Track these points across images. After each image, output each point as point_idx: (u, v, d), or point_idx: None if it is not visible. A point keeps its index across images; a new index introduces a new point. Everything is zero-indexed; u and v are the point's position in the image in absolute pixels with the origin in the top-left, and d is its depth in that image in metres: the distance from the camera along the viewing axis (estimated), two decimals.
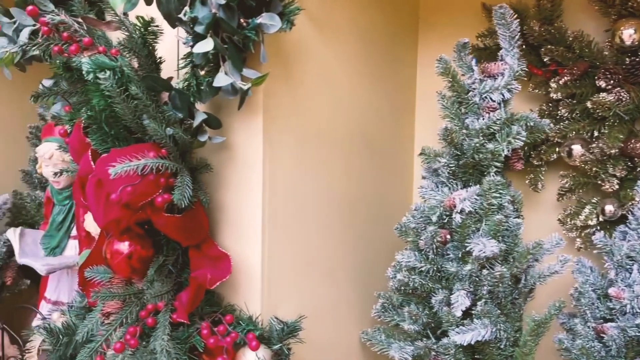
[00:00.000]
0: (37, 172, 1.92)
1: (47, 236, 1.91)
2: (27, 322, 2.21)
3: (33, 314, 2.04)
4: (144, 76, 0.97)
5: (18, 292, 2.07)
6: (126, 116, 0.97)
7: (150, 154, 0.95)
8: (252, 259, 1.11)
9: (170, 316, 0.99)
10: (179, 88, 1.00)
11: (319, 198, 1.28)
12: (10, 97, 2.32)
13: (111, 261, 1.06)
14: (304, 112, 1.21)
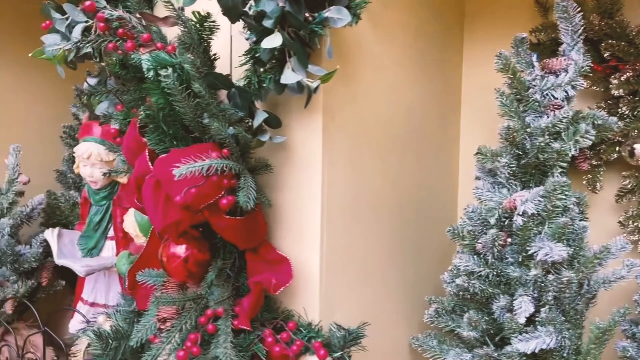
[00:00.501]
0: (75, 171, 1.90)
1: (84, 237, 1.89)
2: (62, 324, 2.20)
3: (70, 315, 2.02)
4: (205, 73, 0.93)
5: (53, 293, 2.05)
6: (186, 115, 0.94)
7: (213, 154, 0.91)
8: (311, 262, 1.07)
9: (232, 322, 0.96)
10: (239, 85, 0.96)
11: (373, 200, 1.24)
12: (44, 96, 2.31)
13: (168, 265, 1.03)
14: (361, 111, 1.17)
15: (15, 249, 1.88)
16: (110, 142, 1.81)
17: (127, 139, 1.05)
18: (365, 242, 1.22)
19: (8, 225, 1.87)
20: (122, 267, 1.76)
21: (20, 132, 2.21)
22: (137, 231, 1.69)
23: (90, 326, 1.36)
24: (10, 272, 1.88)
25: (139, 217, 1.70)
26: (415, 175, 1.44)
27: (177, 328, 0.95)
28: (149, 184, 0.97)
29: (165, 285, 1.07)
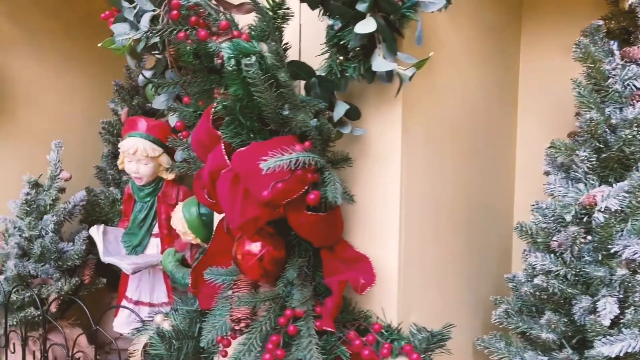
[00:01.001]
0: (119, 167, 1.87)
1: (129, 234, 1.86)
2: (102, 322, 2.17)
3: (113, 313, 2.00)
4: (289, 62, 0.88)
5: (95, 291, 2.03)
6: (267, 106, 0.89)
7: (297, 147, 0.87)
8: (389, 261, 1.02)
9: (314, 323, 0.91)
10: (321, 75, 0.91)
11: (445, 196, 1.19)
12: (81, 92, 2.29)
13: (242, 262, 0.99)
14: (437, 104, 1.12)
15: (59, 246, 1.86)
16: (155, 137, 1.78)
17: (198, 133, 1.00)
18: (438, 240, 1.17)
19: (52, 222, 1.84)
20: (168, 265, 1.73)
21: (59, 128, 2.19)
22: (185, 228, 1.66)
23: (146, 325, 1.33)
24: (53, 270, 1.85)
25: (187, 213, 1.66)
26: (479, 170, 1.39)
27: (257, 329, 0.91)
28: (225, 178, 0.92)
29: (237, 284, 1.03)
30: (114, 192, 2.13)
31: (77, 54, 2.25)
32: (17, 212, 1.84)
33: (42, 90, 2.14)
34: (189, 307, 1.21)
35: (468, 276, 1.38)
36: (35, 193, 1.86)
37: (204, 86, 1.05)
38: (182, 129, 1.11)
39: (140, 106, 2.15)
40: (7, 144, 2.03)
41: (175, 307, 1.34)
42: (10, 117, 2.04)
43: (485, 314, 1.47)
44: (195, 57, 0.99)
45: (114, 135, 2.16)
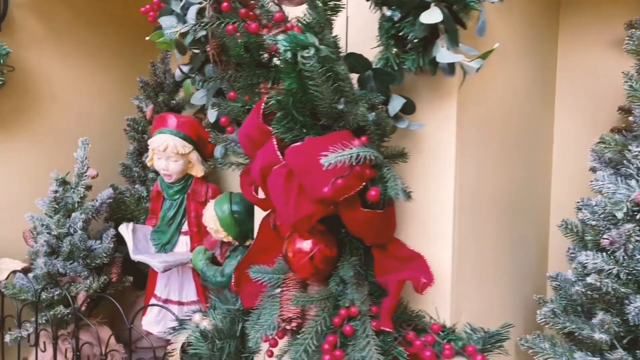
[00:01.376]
0: (147, 164, 1.86)
1: (158, 232, 1.84)
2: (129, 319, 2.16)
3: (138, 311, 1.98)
4: (346, 55, 0.86)
5: (122, 289, 2.02)
6: (323, 100, 0.87)
7: (355, 142, 0.84)
8: (442, 259, 0.99)
9: (370, 323, 0.89)
10: (378, 67, 0.88)
11: (493, 193, 1.16)
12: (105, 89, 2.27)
13: (293, 260, 0.96)
14: (488, 99, 1.09)
15: (88, 244, 1.85)
16: (185, 133, 1.76)
17: (247, 128, 0.98)
18: (486, 238, 1.14)
19: (80, 220, 1.83)
20: (198, 263, 1.71)
21: (83, 125, 2.18)
22: (217, 226, 1.64)
23: (184, 324, 1.31)
24: (82, 268, 1.84)
25: (220, 211, 1.64)
26: (521, 168, 1.36)
27: (313, 329, 0.88)
28: (279, 174, 0.90)
29: (285, 283, 1.01)
30: (140, 189, 2.11)
31: (102, 51, 2.23)
32: (46, 210, 1.83)
33: (67, 87, 2.13)
34: (231, 306, 1.19)
35: (511, 275, 1.35)
36: (62, 191, 1.85)
37: (250, 81, 1.02)
38: (227, 124, 1.08)
39: (165, 103, 2.14)
40: (33, 141, 2.02)
41: (213, 306, 1.32)
42: (35, 115, 2.03)
43: (526, 312, 1.44)
44: (246, 50, 0.97)
45: (139, 132, 2.15)
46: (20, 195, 1.98)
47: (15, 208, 1.96)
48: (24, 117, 2.00)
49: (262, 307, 1.10)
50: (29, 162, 2.01)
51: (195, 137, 1.77)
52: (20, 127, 1.99)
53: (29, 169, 2.01)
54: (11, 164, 1.96)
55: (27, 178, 2.01)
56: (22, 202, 1.98)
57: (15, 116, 1.97)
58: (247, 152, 1.01)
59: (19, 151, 1.98)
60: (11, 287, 1.77)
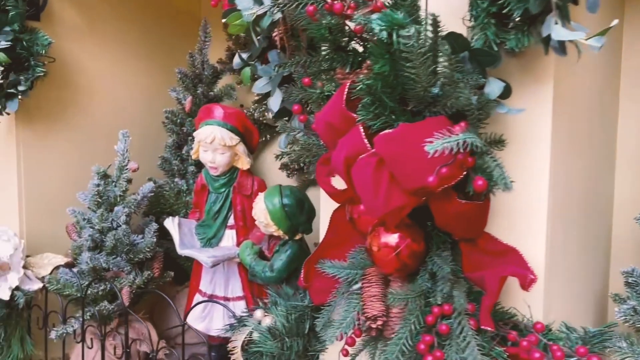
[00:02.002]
0: (192, 157, 1.81)
1: (203, 226, 1.80)
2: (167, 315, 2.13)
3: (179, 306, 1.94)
4: (447, 34, 0.80)
5: (163, 285, 1.98)
6: (420, 83, 0.81)
7: (456, 128, 0.79)
8: (536, 254, 0.93)
9: (469, 322, 0.83)
10: (477, 48, 0.83)
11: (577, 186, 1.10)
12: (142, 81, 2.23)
13: (378, 255, 0.91)
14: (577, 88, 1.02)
15: (131, 239, 1.81)
16: (232, 125, 1.71)
17: (328, 115, 0.93)
18: (573, 233, 1.08)
19: (124, 214, 1.79)
20: (246, 258, 1.67)
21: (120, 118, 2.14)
22: (267, 219, 1.59)
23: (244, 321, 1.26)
24: (124, 263, 1.80)
25: (270, 204, 1.59)
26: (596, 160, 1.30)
27: (407, 328, 0.83)
28: (367, 164, 0.85)
29: (367, 279, 0.95)
30: (180, 183, 2.07)
31: (140, 42, 2.19)
32: (88, 204, 1.79)
33: (105, 79, 2.09)
34: (297, 302, 1.14)
35: (586, 271, 1.29)
36: (104, 184, 1.81)
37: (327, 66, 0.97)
38: (299, 112, 1.03)
39: (204, 95, 2.09)
40: (72, 134, 1.99)
41: (274, 302, 1.27)
42: (74, 107, 2.00)
43: (595, 309, 1.38)
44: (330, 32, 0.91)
45: (177, 125, 2.11)
46: (60, 188, 1.95)
47: (55, 201, 1.94)
48: (64, 110, 1.96)
49: (335, 303, 1.05)
50: (68, 154, 1.98)
51: (242, 129, 1.72)
52: (59, 120, 1.95)
53: (68, 162, 1.98)
54: (51, 156, 1.93)
55: (66, 171, 1.97)
56: (61, 195, 1.95)
57: (55, 108, 1.93)
58: (326, 141, 0.96)
59: (59, 144, 1.95)
60: (55, 282, 1.74)
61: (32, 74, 1.73)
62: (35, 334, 1.83)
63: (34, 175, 1.88)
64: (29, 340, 1.79)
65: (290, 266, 1.62)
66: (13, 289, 1.69)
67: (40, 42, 1.73)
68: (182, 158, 2.11)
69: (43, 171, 1.91)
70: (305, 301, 1.14)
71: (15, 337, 1.78)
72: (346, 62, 0.96)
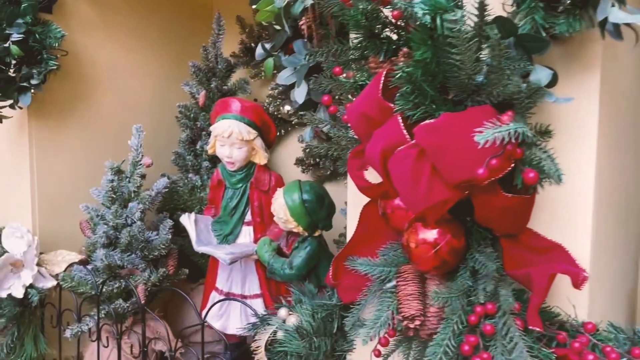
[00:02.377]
0: (208, 152, 1.77)
1: (220, 222, 1.76)
2: (182, 313, 2.09)
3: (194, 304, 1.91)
4: (494, 18, 0.75)
5: (177, 282, 1.94)
6: (464, 70, 0.77)
7: (504, 117, 0.74)
8: (581, 251, 0.89)
9: (514, 322, 0.79)
10: (525, 33, 0.78)
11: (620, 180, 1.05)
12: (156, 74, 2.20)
13: (416, 252, 0.87)
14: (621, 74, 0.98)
15: (146, 235, 1.77)
16: (250, 119, 1.67)
17: (362, 105, 0.88)
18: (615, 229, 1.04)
19: (138, 210, 1.75)
20: (264, 255, 1.63)
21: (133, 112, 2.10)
22: (287, 215, 1.56)
23: (268, 319, 1.23)
24: (139, 260, 1.77)
25: (290, 200, 1.55)
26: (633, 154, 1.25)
27: (450, 328, 0.79)
28: (407, 156, 0.80)
29: (403, 277, 0.91)
30: (194, 178, 2.04)
31: (153, 35, 2.15)
32: (103, 200, 1.76)
33: (117, 73, 2.05)
34: (325, 300, 1.10)
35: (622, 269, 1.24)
36: (118, 180, 1.77)
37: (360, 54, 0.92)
38: (329, 103, 0.99)
39: (218, 88, 2.05)
40: (83, 128, 1.95)
41: (299, 300, 1.23)
42: (86, 101, 1.96)
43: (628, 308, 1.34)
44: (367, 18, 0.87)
45: (191, 119, 2.07)
46: (73, 184, 1.92)
47: (67, 197, 1.90)
48: (76, 104, 1.92)
49: (366, 302, 1.01)
50: (81, 149, 1.94)
51: (260, 123, 1.68)
52: (72, 114, 1.92)
53: (80, 157, 1.94)
54: (63, 151, 1.89)
55: (78, 166, 1.94)
56: (74, 191, 1.91)
57: (67, 103, 1.89)
58: (359, 133, 0.92)
59: (71, 139, 1.91)
60: (69, 280, 1.70)
61: (44, 68, 1.69)
62: (48, 333, 1.80)
63: (47, 170, 1.85)
64: (42, 338, 1.76)
65: (309, 263, 1.58)
66: (27, 286, 1.66)
67: (53, 34, 1.69)
68: (196, 153, 2.08)
69: (56, 166, 1.87)
70: (333, 299, 1.10)
71: (28, 335, 1.74)
72: (380, 50, 0.91)
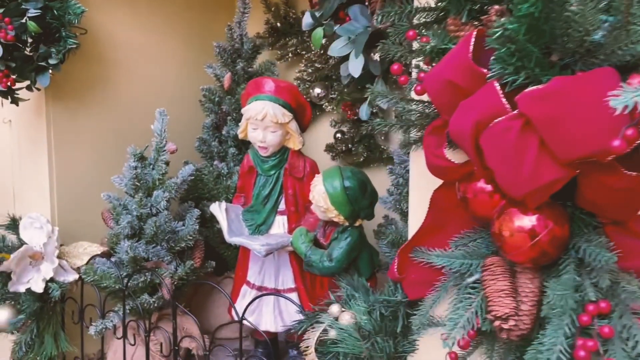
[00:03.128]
0: (239, 136, 1.65)
1: (251, 211, 1.64)
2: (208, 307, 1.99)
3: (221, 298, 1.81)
4: None
5: (203, 275, 1.84)
6: (582, 26, 0.64)
7: (635, 81, 0.62)
8: None
9: (636, 323, 0.67)
10: None
11: None
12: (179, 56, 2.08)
13: (510, 242, 0.75)
14: None
15: (173, 226, 1.66)
16: (285, 100, 1.55)
17: (447, 72, 0.76)
18: None
19: (164, 199, 1.64)
20: (301, 246, 1.52)
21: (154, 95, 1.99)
22: (327, 204, 1.44)
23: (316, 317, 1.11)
24: (165, 252, 1.66)
25: (330, 187, 1.44)
26: None
27: (560, 330, 0.67)
28: (507, 129, 0.68)
29: (491, 270, 0.79)
30: (219, 166, 1.92)
31: (175, 14, 2.03)
32: (126, 188, 1.65)
33: (138, 53, 1.93)
34: (389, 297, 0.98)
35: None
36: (141, 167, 1.66)
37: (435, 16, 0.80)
38: (400, 72, 0.86)
39: (245, 70, 1.94)
40: (102, 111, 1.84)
41: (350, 295, 1.12)
42: (105, 82, 1.84)
43: None
44: None
45: (216, 103, 1.96)
46: (93, 171, 1.81)
47: (87, 186, 1.79)
48: (95, 86, 1.81)
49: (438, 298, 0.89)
50: (100, 134, 1.83)
51: (295, 105, 1.56)
52: (91, 97, 1.80)
53: (100, 143, 1.83)
54: (82, 137, 1.78)
55: (98, 152, 1.83)
56: (94, 179, 1.80)
57: (86, 85, 1.78)
58: (441, 104, 0.80)
59: (90, 123, 1.80)
60: (92, 273, 1.60)
61: (63, 46, 1.57)
62: (69, 329, 1.69)
63: (66, 157, 1.74)
64: (63, 335, 1.66)
65: (350, 255, 1.47)
66: (47, 280, 1.55)
67: (72, 10, 1.57)
68: (221, 139, 1.96)
69: (75, 153, 1.76)
70: (397, 295, 0.98)
71: (48, 332, 1.64)
72: (462, 9, 0.79)
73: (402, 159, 1.52)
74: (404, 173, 1.53)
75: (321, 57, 1.97)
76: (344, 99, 1.92)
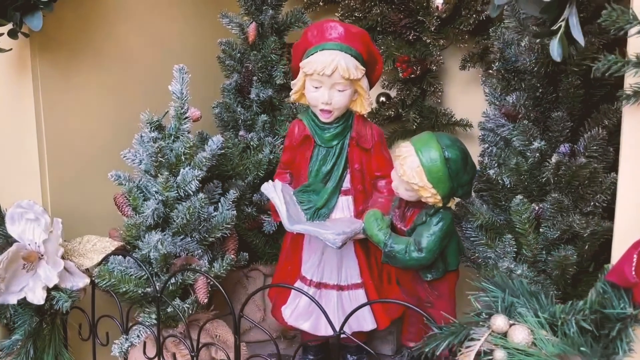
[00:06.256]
0: (291, 99, 1.31)
1: (308, 191, 1.31)
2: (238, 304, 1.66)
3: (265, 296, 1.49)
4: None
5: (237, 268, 1.52)
6: None
7: None
8: None
9: None
10: None
11: None
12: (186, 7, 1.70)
13: None
14: None
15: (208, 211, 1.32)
16: (357, 50, 1.23)
17: None
18: None
19: (195, 178, 1.30)
20: (378, 234, 1.23)
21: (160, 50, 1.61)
22: (423, 180, 1.14)
23: (470, 331, 0.84)
24: (195, 245, 1.33)
25: (427, 159, 1.14)
26: None
27: None
28: None
29: None
30: (246, 136, 1.58)
31: None
32: (144, 166, 1.29)
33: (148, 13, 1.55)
34: (614, 309, 0.71)
35: None
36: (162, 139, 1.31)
37: None
38: None
39: (274, 19, 1.59)
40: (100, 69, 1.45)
41: (509, 302, 0.84)
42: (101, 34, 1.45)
43: None
44: None
45: (238, 61, 1.61)
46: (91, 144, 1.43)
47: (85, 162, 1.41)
48: (90, 37, 1.41)
49: None
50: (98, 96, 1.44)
51: (367, 56, 1.24)
52: (85, 51, 1.40)
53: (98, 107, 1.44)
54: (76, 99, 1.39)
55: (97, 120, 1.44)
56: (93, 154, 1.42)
57: (80, 35, 1.38)
58: None
59: (87, 84, 1.41)
60: (107, 276, 1.24)
61: None
62: (73, 347, 1.33)
63: (57, 125, 1.34)
64: (67, 356, 1.29)
65: (443, 243, 1.20)
66: (50, 288, 1.18)
67: None
68: (244, 105, 1.62)
69: (68, 120, 1.36)
70: (623, 305, 0.71)
71: (49, 354, 1.27)
72: None
73: (499, 123, 1.25)
74: (498, 141, 1.27)
75: (363, 3, 1.65)
76: (392, 54, 1.62)
